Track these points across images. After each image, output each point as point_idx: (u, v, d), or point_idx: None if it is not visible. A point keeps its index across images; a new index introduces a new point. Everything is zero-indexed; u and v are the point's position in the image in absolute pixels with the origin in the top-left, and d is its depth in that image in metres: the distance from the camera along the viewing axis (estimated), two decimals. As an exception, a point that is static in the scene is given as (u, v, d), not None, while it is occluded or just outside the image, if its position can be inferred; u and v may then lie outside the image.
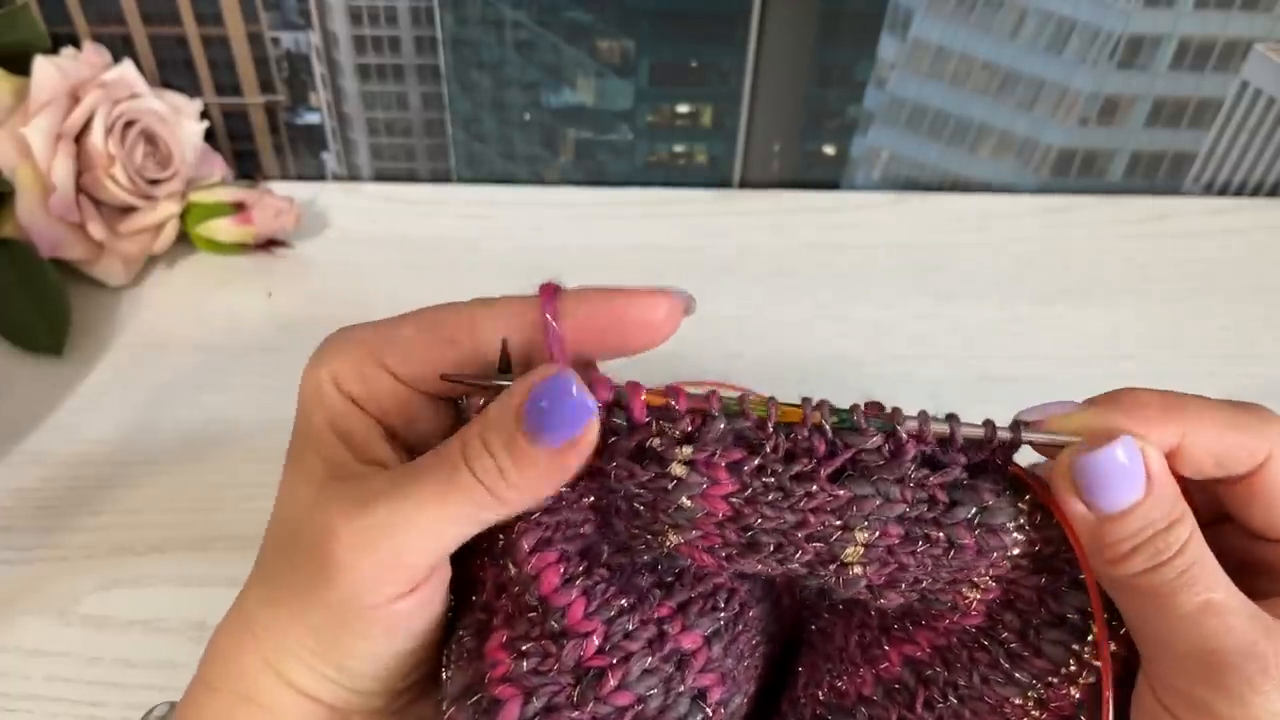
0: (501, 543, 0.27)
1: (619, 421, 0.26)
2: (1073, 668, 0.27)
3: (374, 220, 0.65)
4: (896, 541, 0.26)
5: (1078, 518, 0.26)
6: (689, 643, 0.27)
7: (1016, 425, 0.27)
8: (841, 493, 0.25)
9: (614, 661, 0.26)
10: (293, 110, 0.65)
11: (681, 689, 0.26)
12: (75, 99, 0.56)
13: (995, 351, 0.57)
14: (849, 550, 0.26)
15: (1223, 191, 0.68)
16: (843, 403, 0.27)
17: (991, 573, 0.27)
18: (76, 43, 0.59)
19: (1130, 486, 0.26)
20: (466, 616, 0.28)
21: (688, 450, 0.25)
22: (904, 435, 0.26)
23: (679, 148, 0.67)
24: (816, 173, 0.68)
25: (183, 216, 0.60)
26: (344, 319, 0.63)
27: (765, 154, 0.67)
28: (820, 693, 0.31)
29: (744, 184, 0.68)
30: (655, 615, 0.27)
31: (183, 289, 0.60)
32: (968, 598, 0.27)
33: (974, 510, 0.26)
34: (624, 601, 0.27)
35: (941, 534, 0.26)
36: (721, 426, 0.25)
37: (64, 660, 0.43)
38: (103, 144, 0.55)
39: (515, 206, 0.66)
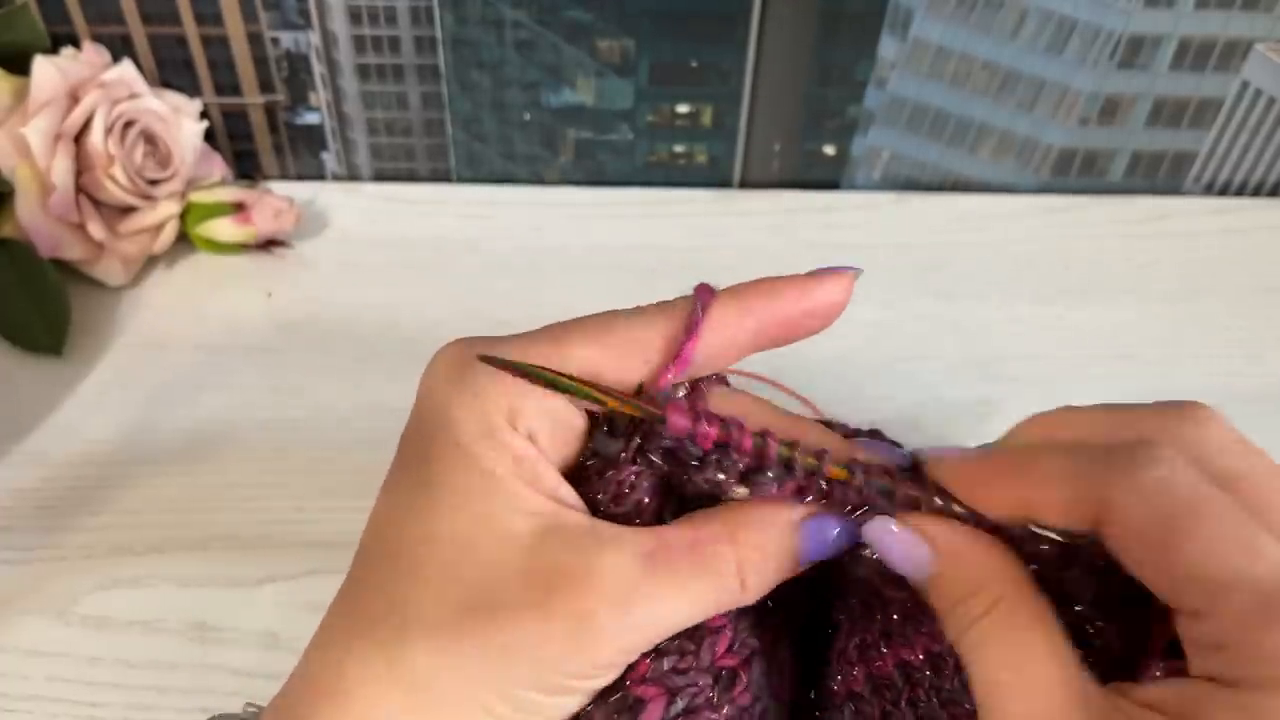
0: None
1: (691, 448, 0.27)
2: None
3: (374, 220, 0.65)
4: None
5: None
6: (782, 649, 0.29)
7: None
8: None
9: (743, 659, 0.27)
10: (292, 110, 0.65)
11: (770, 683, 0.28)
12: (75, 99, 0.56)
13: (995, 351, 0.57)
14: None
15: (1223, 191, 0.68)
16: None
17: None
18: (76, 42, 0.59)
19: (907, 561, 0.26)
20: None
21: (743, 491, 0.27)
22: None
23: (679, 148, 0.67)
24: (816, 173, 0.68)
25: (182, 216, 0.60)
26: (344, 319, 0.64)
27: (765, 154, 0.67)
28: (812, 692, 0.32)
29: (744, 184, 0.68)
30: (756, 613, 0.28)
31: (182, 289, 0.60)
32: None
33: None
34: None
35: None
36: (772, 477, 0.27)
37: (63, 660, 0.43)
38: (102, 144, 0.55)
39: (515, 206, 0.66)
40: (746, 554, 0.26)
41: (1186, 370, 0.56)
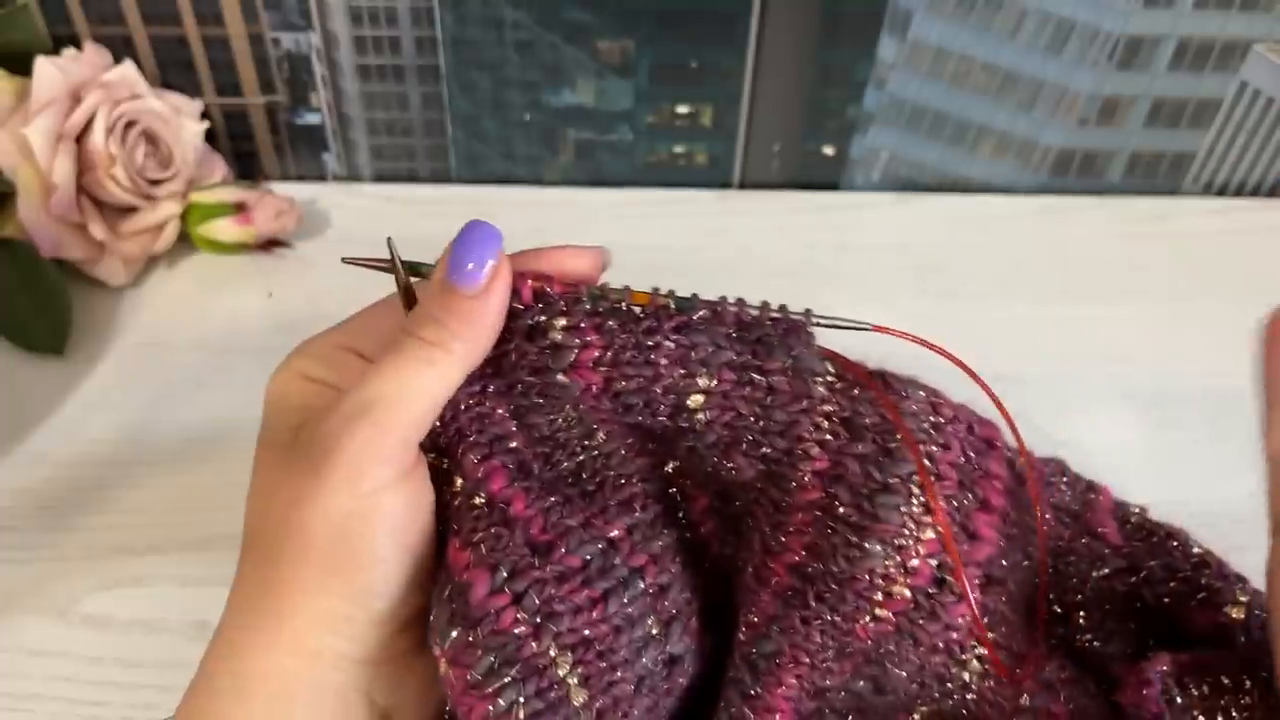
0: (445, 466, 0.32)
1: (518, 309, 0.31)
2: (910, 528, 0.30)
3: (374, 220, 0.65)
4: (729, 386, 0.30)
5: None
6: (614, 531, 0.31)
7: (807, 312, 0.32)
8: (683, 339, 0.30)
9: (557, 535, 0.30)
10: (293, 111, 0.65)
11: (617, 561, 0.31)
12: (76, 99, 0.56)
13: (995, 351, 0.57)
14: (694, 397, 0.30)
15: (1222, 192, 0.68)
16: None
17: (814, 434, 0.31)
18: (77, 43, 0.59)
19: None
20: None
21: (561, 321, 0.30)
22: (727, 310, 0.31)
23: (679, 148, 0.67)
24: (816, 173, 0.68)
25: (183, 217, 0.60)
26: (344, 319, 0.63)
27: (765, 154, 0.67)
28: (741, 634, 0.33)
29: (744, 184, 0.68)
30: (582, 511, 0.31)
31: (183, 289, 0.60)
32: (801, 470, 0.31)
33: (786, 359, 0.31)
34: (554, 498, 0.31)
35: (763, 378, 0.31)
36: (588, 306, 0.31)
37: (65, 660, 0.43)
38: (104, 144, 0.55)
39: (515, 206, 0.66)
40: (426, 327, 0.29)
41: (1185, 370, 0.56)
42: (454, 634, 0.28)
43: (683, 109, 0.65)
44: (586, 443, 0.33)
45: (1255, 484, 0.52)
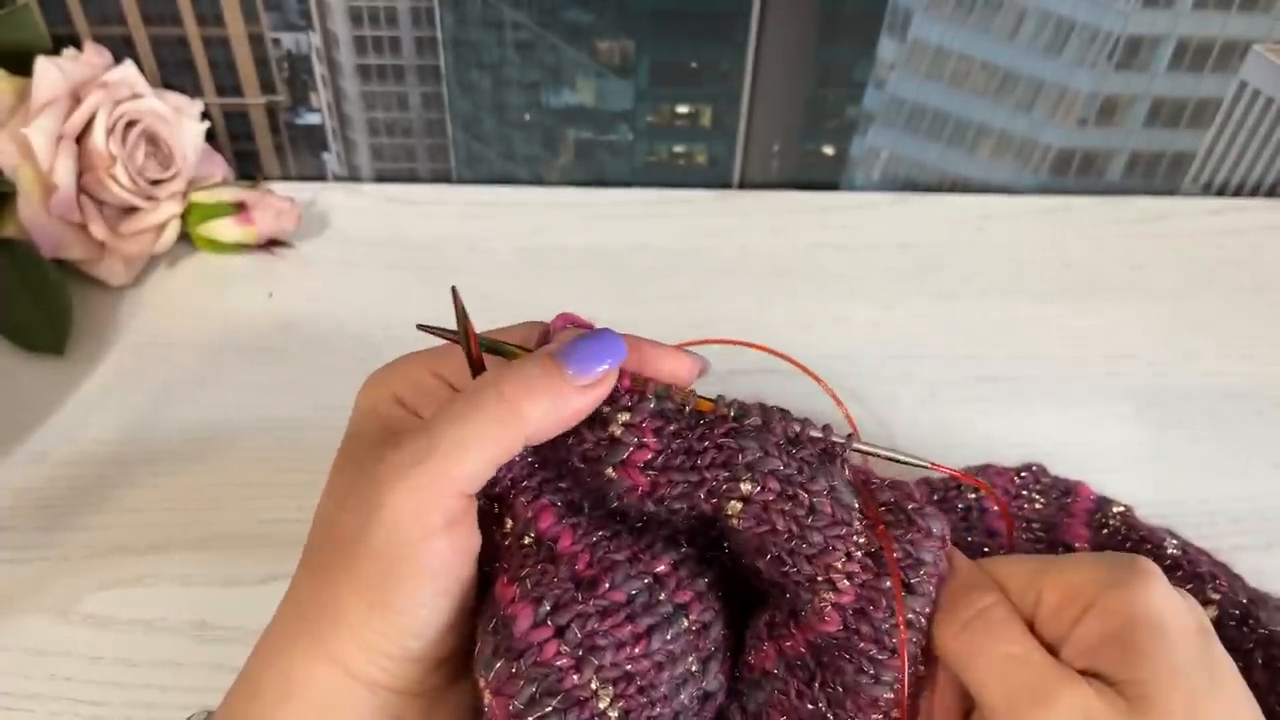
0: (496, 510, 0.32)
1: None
2: (923, 663, 0.31)
3: (374, 220, 0.65)
4: (772, 497, 0.30)
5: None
6: (660, 566, 0.31)
7: (849, 438, 0.32)
8: (730, 442, 0.31)
9: (602, 570, 0.30)
10: (293, 111, 0.65)
11: (662, 598, 0.31)
12: (77, 99, 0.56)
13: (994, 351, 0.57)
14: (733, 504, 0.30)
15: (1221, 191, 0.68)
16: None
17: (844, 566, 0.30)
18: (77, 43, 0.59)
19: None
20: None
21: (624, 416, 0.31)
22: (775, 422, 0.31)
23: (679, 148, 0.67)
24: (816, 173, 0.68)
25: (184, 217, 0.60)
26: (344, 319, 0.64)
27: (765, 154, 0.67)
28: (739, 669, 0.33)
29: (744, 184, 0.68)
30: (629, 546, 0.32)
31: (184, 289, 0.60)
32: (824, 600, 0.30)
33: (828, 485, 0.31)
34: (602, 533, 0.32)
35: (805, 495, 0.30)
36: (652, 405, 0.31)
37: (65, 659, 0.43)
38: (104, 144, 0.56)
39: (515, 206, 0.66)
40: (512, 386, 0.29)
41: (1183, 369, 0.56)
42: (498, 665, 0.29)
43: (683, 109, 0.65)
44: None
45: (1255, 484, 0.52)
